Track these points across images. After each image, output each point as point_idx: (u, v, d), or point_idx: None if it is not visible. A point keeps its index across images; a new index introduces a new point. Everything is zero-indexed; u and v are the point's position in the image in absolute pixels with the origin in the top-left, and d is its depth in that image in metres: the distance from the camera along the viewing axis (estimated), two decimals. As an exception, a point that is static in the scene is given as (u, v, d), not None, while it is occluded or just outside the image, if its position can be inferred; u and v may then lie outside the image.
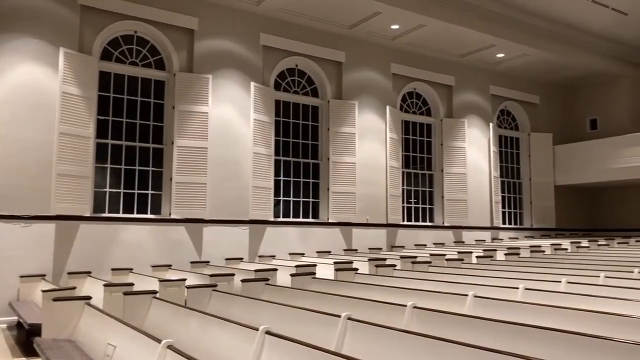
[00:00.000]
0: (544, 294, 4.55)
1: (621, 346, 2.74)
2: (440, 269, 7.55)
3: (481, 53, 13.73)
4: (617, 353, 2.77)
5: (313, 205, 11.83)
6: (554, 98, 16.62)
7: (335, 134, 11.90)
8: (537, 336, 3.12)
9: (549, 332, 3.07)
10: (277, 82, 11.60)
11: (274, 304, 4.47)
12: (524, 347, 3.12)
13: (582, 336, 2.92)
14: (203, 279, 6.83)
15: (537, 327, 3.16)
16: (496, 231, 14.55)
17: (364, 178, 12.19)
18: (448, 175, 13.73)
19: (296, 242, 11.13)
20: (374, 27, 12.04)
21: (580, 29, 14.28)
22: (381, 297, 5.15)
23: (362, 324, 3.49)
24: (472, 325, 3.49)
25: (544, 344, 3.06)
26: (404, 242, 12.73)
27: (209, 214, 10.09)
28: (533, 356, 2.87)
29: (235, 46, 10.81)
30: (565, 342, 2.98)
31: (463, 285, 5.37)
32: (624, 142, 14.36)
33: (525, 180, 15.77)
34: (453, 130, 13.95)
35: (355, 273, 6.86)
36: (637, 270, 5.89)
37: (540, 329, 3.13)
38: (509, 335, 3.25)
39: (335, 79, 12.24)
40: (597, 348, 2.85)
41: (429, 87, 13.84)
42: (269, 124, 11.02)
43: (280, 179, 11.47)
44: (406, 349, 3.10)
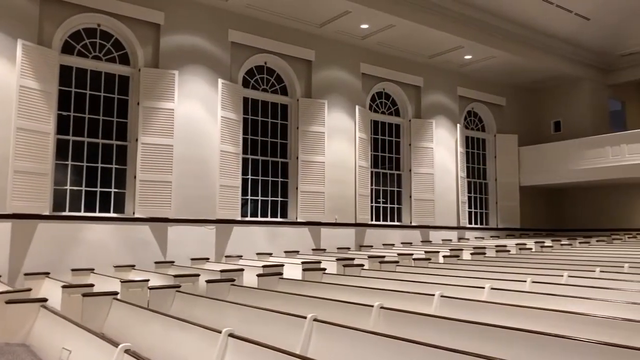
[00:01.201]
0: (510, 294, 4.57)
1: (585, 345, 2.75)
2: (407, 268, 7.56)
3: (449, 54, 13.87)
4: (581, 352, 2.78)
5: (281, 204, 11.73)
6: (520, 100, 16.94)
7: (304, 133, 11.82)
8: (503, 336, 3.11)
9: (515, 332, 3.07)
10: (246, 79, 11.45)
11: (239, 305, 4.36)
12: (490, 348, 3.11)
13: (547, 336, 2.92)
14: (167, 280, 6.66)
15: (503, 327, 3.15)
16: (462, 231, 14.73)
17: (333, 177, 12.15)
18: (416, 175, 13.82)
19: (264, 242, 11.01)
20: (344, 26, 12.01)
21: (545, 32, 14.58)
22: (348, 297, 5.10)
23: (328, 325, 3.42)
24: (439, 326, 3.47)
25: (509, 344, 3.06)
26: (372, 242, 12.75)
27: (174, 213, 9.87)
28: (499, 357, 2.86)
29: (203, 42, 10.61)
30: (531, 342, 2.98)
31: (430, 285, 5.36)
32: (586, 144, 14.72)
33: (491, 180, 16.02)
34: (421, 130, 14.04)
35: (323, 273, 6.80)
36: (598, 270, 6.00)
37: (506, 329, 3.12)
38: (475, 335, 3.24)
39: (305, 77, 12.16)
40: (561, 348, 2.86)
41: (398, 87, 13.90)
42: (237, 121, 10.86)
43: (248, 177, 11.32)
44: (373, 350, 3.05)
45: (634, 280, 5.28)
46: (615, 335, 3.23)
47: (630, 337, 3.17)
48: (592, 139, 14.68)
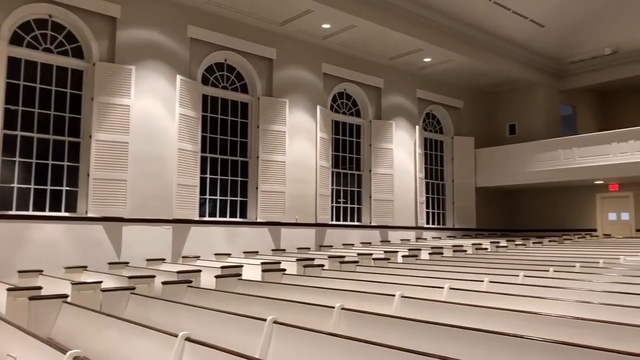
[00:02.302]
0: (468, 294, 4.62)
1: (541, 345, 2.79)
2: (367, 268, 7.57)
3: (409, 57, 14.03)
4: (537, 351, 2.81)
5: (241, 204, 11.57)
6: (477, 103, 17.31)
7: (265, 132, 11.70)
8: (463, 336, 3.12)
9: (475, 332, 3.09)
10: (205, 76, 11.24)
11: (196, 308, 4.24)
12: (451, 348, 3.11)
13: (505, 336, 2.94)
14: (121, 281, 6.43)
15: (463, 327, 3.16)
16: (420, 231, 14.93)
17: (294, 177, 12.08)
18: (376, 176, 13.92)
19: (222, 242, 10.83)
20: (306, 25, 11.96)
21: (502, 37, 14.95)
22: (309, 298, 5.05)
23: (288, 328, 3.36)
24: (400, 327, 3.46)
25: (470, 344, 3.07)
26: (332, 242, 12.75)
27: (130, 213, 9.58)
28: (459, 357, 2.86)
29: (161, 37, 10.35)
30: (490, 341, 3.00)
31: (390, 285, 5.37)
32: (539, 147, 15.19)
33: (448, 181, 16.30)
34: (381, 131, 14.15)
35: (282, 274, 6.73)
36: (552, 270, 6.17)
37: (466, 329, 3.14)
38: (436, 336, 3.24)
39: (266, 75, 12.05)
40: (519, 347, 2.89)
41: (359, 88, 13.96)
42: (195, 119, 10.65)
43: (206, 176, 11.11)
44: (334, 352, 3.01)
45: (585, 280, 5.44)
46: (570, 334, 3.30)
47: (584, 336, 3.24)
48: (545, 142, 15.15)
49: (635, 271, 6.14)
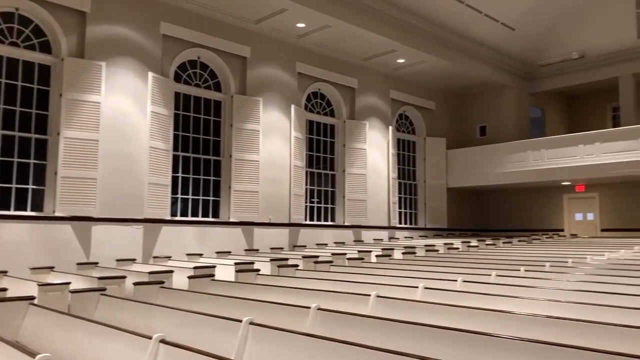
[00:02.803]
0: (443, 293, 4.66)
1: (515, 343, 2.82)
2: (341, 268, 7.57)
3: (383, 57, 14.11)
4: (511, 350, 2.84)
5: (213, 203, 11.45)
6: (449, 104, 17.54)
7: (238, 131, 11.60)
8: (439, 336, 3.14)
9: (450, 331, 3.11)
10: (178, 73, 11.08)
11: (169, 309, 4.16)
12: (428, 347, 3.13)
13: (480, 335, 2.97)
14: (90, 282, 6.28)
15: (438, 327, 3.18)
16: (393, 230, 15.03)
17: (268, 177, 12.01)
18: (349, 176, 13.95)
19: (194, 242, 10.69)
20: (280, 24, 11.90)
21: (474, 40, 15.18)
22: (284, 299, 5.01)
23: (264, 329, 3.32)
24: (377, 327, 3.46)
25: (445, 343, 3.09)
26: (305, 242, 12.73)
27: (99, 212, 9.37)
28: (436, 357, 2.88)
29: (133, 33, 10.15)
30: (465, 340, 3.03)
31: (365, 285, 5.38)
32: (508, 149, 15.47)
33: (420, 182, 16.46)
34: (355, 131, 14.20)
35: (256, 274, 6.67)
36: (523, 269, 6.28)
37: (441, 328, 3.16)
38: (412, 335, 3.25)
39: (240, 74, 11.94)
40: (493, 346, 2.92)
41: (333, 88, 13.97)
42: (167, 117, 10.48)
43: (178, 175, 10.96)
44: (311, 352, 2.98)
45: (555, 279, 5.56)
46: (543, 332, 3.35)
47: (556, 334, 3.30)
48: (514, 144, 15.44)
49: (602, 270, 6.30)
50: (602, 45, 15.59)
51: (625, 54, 15.37)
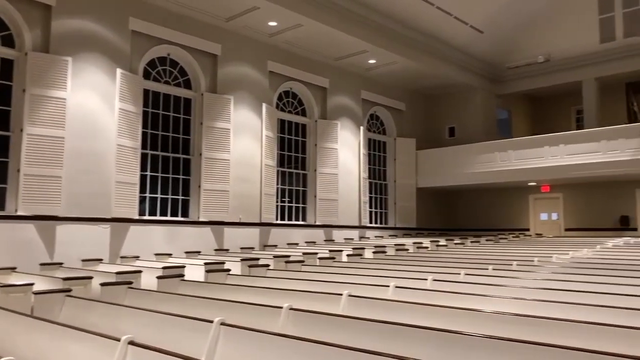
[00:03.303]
0: (413, 292, 4.71)
1: (484, 341, 2.86)
2: (313, 267, 7.57)
3: (354, 58, 14.17)
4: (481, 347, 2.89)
5: (183, 203, 11.29)
6: (419, 105, 17.73)
7: (208, 129, 11.47)
8: (410, 334, 3.16)
9: (422, 330, 3.13)
10: (147, 70, 10.89)
11: (138, 310, 4.08)
12: (400, 346, 3.15)
13: (450, 333, 3.01)
14: (55, 283, 6.10)
15: (410, 325, 3.20)
16: (363, 230, 15.12)
17: (238, 176, 11.91)
18: (321, 175, 13.96)
19: (163, 242, 10.53)
20: (252, 22, 11.83)
21: (443, 42, 15.39)
22: (255, 299, 4.98)
23: (236, 329, 3.29)
24: (348, 326, 3.46)
25: (417, 341, 3.12)
26: (276, 241, 12.68)
27: (64, 211, 9.13)
28: (408, 355, 2.90)
29: (100, 28, 9.92)
30: (436, 339, 3.06)
31: (336, 284, 5.39)
32: (477, 150, 15.74)
33: (390, 182, 16.60)
34: (326, 131, 14.21)
35: (227, 274, 6.60)
36: (491, 268, 6.39)
37: (413, 327, 3.18)
38: (384, 334, 3.27)
39: (210, 71, 11.81)
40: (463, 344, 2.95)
41: (305, 87, 13.96)
42: (136, 114, 10.28)
43: (147, 174, 10.77)
44: (283, 352, 2.97)
45: (522, 278, 5.68)
46: (509, 330, 3.41)
47: (522, 331, 3.36)
48: (482, 145, 15.72)
49: (566, 269, 6.47)
50: (567, 50, 16.02)
51: (588, 58, 15.82)
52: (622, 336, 2.96)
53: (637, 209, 14.78)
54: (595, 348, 2.63)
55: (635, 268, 6.36)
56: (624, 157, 13.13)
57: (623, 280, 5.28)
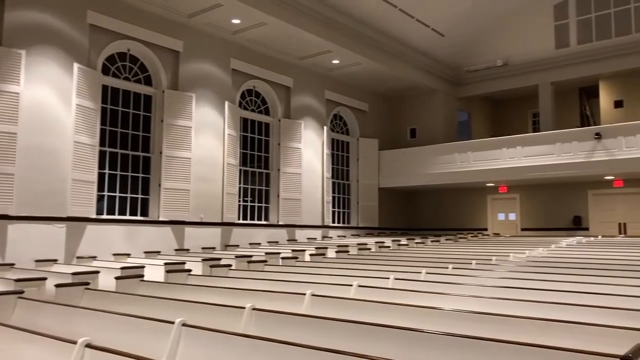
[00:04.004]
0: (376, 291, 4.75)
1: (445, 338, 2.92)
2: (276, 267, 7.54)
3: (318, 58, 14.19)
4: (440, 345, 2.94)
5: (142, 202, 11.06)
6: (381, 106, 17.92)
7: (169, 127, 11.27)
8: (374, 333, 3.19)
9: (384, 328, 3.17)
10: (106, 66, 10.61)
11: (95, 312, 3.96)
12: (363, 345, 3.17)
13: (411, 331, 3.05)
14: (6, 285, 5.87)
15: (373, 324, 3.23)
16: (326, 229, 15.17)
17: (200, 175, 11.75)
18: (284, 175, 13.93)
19: (122, 241, 10.28)
20: (215, 19, 11.68)
21: (406, 44, 15.59)
22: (217, 299, 4.92)
23: (198, 330, 3.24)
24: (313, 325, 3.46)
25: (380, 340, 3.15)
26: (238, 241, 12.57)
27: (17, 209, 8.80)
28: (371, 353, 2.92)
29: (57, 21, 9.60)
30: (399, 337, 3.10)
31: (300, 284, 5.38)
32: (437, 151, 16.03)
33: (353, 182, 16.72)
34: (290, 130, 14.19)
35: (188, 274, 6.51)
36: (451, 267, 6.52)
37: (376, 326, 3.21)
38: (348, 333, 3.29)
39: (172, 68, 11.61)
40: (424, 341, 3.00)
41: (268, 86, 13.89)
42: (94, 110, 10.00)
43: (105, 172, 10.49)
44: (247, 353, 2.94)
45: (481, 276, 5.81)
46: (468, 328, 3.49)
47: (480, 328, 3.44)
48: (442, 146, 16.02)
49: (523, 267, 6.66)
50: (524, 55, 16.50)
51: (544, 63, 16.34)
52: (572, 332, 3.07)
53: (589, 210, 15.36)
54: (548, 343, 2.72)
55: (587, 266, 6.60)
56: (577, 159, 13.62)
57: (575, 278, 5.47)
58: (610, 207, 15.06)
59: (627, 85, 15.68)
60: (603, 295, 4.21)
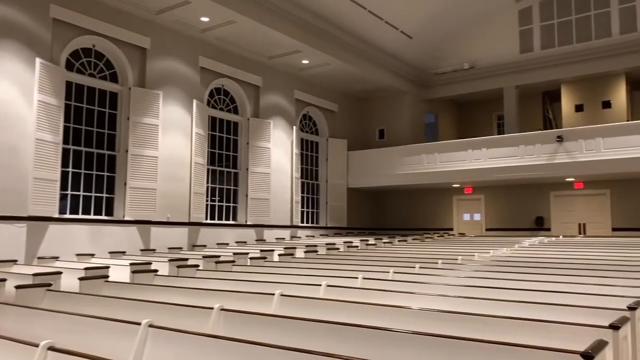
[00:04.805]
0: (345, 290, 4.78)
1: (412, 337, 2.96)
2: (244, 268, 7.50)
3: (288, 57, 14.17)
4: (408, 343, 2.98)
5: (107, 201, 10.83)
6: (351, 107, 18.02)
7: (135, 125, 11.06)
8: (343, 332, 3.21)
9: (353, 327, 3.19)
10: (70, 61, 10.34)
11: (58, 313, 3.86)
12: (332, 344, 3.19)
13: (380, 330, 3.09)
14: (-37, 287, 5.67)
15: (342, 323, 3.25)
16: (295, 229, 15.16)
17: (167, 174, 11.58)
18: (253, 175, 13.85)
19: (86, 241, 10.05)
20: (183, 17, 11.54)
21: (375, 46, 15.72)
22: (184, 300, 4.86)
23: (165, 331, 3.20)
24: (281, 325, 3.46)
25: (349, 339, 3.17)
26: (206, 241, 12.44)
27: (-25, 209, 8.49)
28: (340, 353, 2.94)
29: (18, 15, 9.31)
30: (368, 336, 3.12)
31: (268, 284, 5.37)
32: (405, 152, 16.22)
33: (322, 182, 16.76)
34: (259, 130, 14.12)
35: (154, 275, 6.40)
36: (418, 266, 6.61)
37: (345, 325, 3.23)
38: (317, 333, 3.30)
39: (139, 65, 11.40)
40: (392, 340, 3.04)
41: (237, 85, 13.80)
42: (57, 107, 9.74)
43: (69, 170, 10.23)
44: (214, 354, 2.92)
45: (446, 275, 5.91)
46: (434, 326, 3.54)
47: (446, 327, 3.50)
48: (410, 147, 16.22)
49: (487, 266, 6.80)
50: (490, 58, 16.85)
51: (509, 67, 16.72)
52: (535, 329, 3.16)
53: (550, 210, 15.80)
54: (511, 341, 2.79)
55: (548, 266, 6.80)
56: (540, 161, 14.00)
57: (537, 277, 5.63)
58: (571, 208, 15.53)
59: (587, 90, 16.20)
60: (565, 293, 4.34)
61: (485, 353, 2.67)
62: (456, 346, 2.79)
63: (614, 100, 15.75)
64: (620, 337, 2.93)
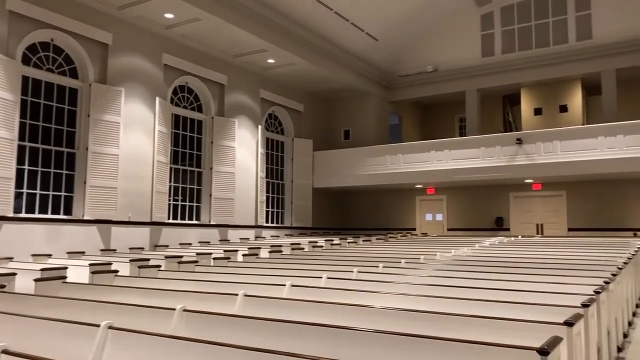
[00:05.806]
0: (309, 290, 4.78)
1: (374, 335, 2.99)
2: (207, 268, 7.41)
3: (253, 56, 14.09)
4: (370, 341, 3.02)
5: (65, 200, 10.53)
6: (316, 107, 18.05)
7: (96, 122, 10.79)
8: (306, 332, 3.22)
9: (317, 327, 3.20)
10: (27, 55, 10.01)
11: (12, 316, 3.74)
12: (295, 344, 3.19)
13: (342, 329, 3.11)
14: None
15: (306, 323, 3.26)
16: (260, 229, 15.09)
17: (128, 172, 11.34)
18: (217, 174, 13.71)
19: (43, 242, 9.74)
20: (146, 13, 11.32)
21: (341, 47, 15.80)
22: (146, 301, 4.77)
23: (125, 333, 3.13)
24: (245, 326, 3.44)
25: (312, 338, 3.18)
26: (168, 241, 12.25)
27: None
28: (303, 352, 2.95)
29: (-28, 5, 8.95)
30: (331, 335, 3.14)
31: (232, 284, 5.33)
32: (369, 153, 16.37)
33: (287, 181, 16.74)
34: (224, 129, 13.99)
35: (115, 275, 6.26)
36: (382, 265, 6.68)
37: (308, 324, 3.24)
38: (281, 332, 3.29)
39: (100, 61, 11.13)
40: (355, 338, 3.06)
41: (202, 83, 13.63)
42: (12, 102, 9.41)
43: (24, 168, 9.90)
44: (176, 355, 2.88)
45: (410, 275, 5.99)
46: (397, 324, 3.59)
47: (408, 325, 3.56)
48: (374, 148, 16.38)
49: (449, 266, 6.93)
50: (453, 62, 17.18)
51: (471, 70, 17.08)
52: (494, 327, 3.24)
53: (510, 211, 16.22)
54: (471, 338, 2.86)
55: (508, 265, 6.98)
56: (500, 163, 14.36)
57: (497, 276, 5.77)
58: (529, 209, 15.98)
59: (545, 94, 16.71)
60: (522, 292, 4.47)
61: (445, 350, 2.72)
62: (416, 344, 2.83)
63: (570, 105, 16.29)
64: (574, 334, 3.04)
